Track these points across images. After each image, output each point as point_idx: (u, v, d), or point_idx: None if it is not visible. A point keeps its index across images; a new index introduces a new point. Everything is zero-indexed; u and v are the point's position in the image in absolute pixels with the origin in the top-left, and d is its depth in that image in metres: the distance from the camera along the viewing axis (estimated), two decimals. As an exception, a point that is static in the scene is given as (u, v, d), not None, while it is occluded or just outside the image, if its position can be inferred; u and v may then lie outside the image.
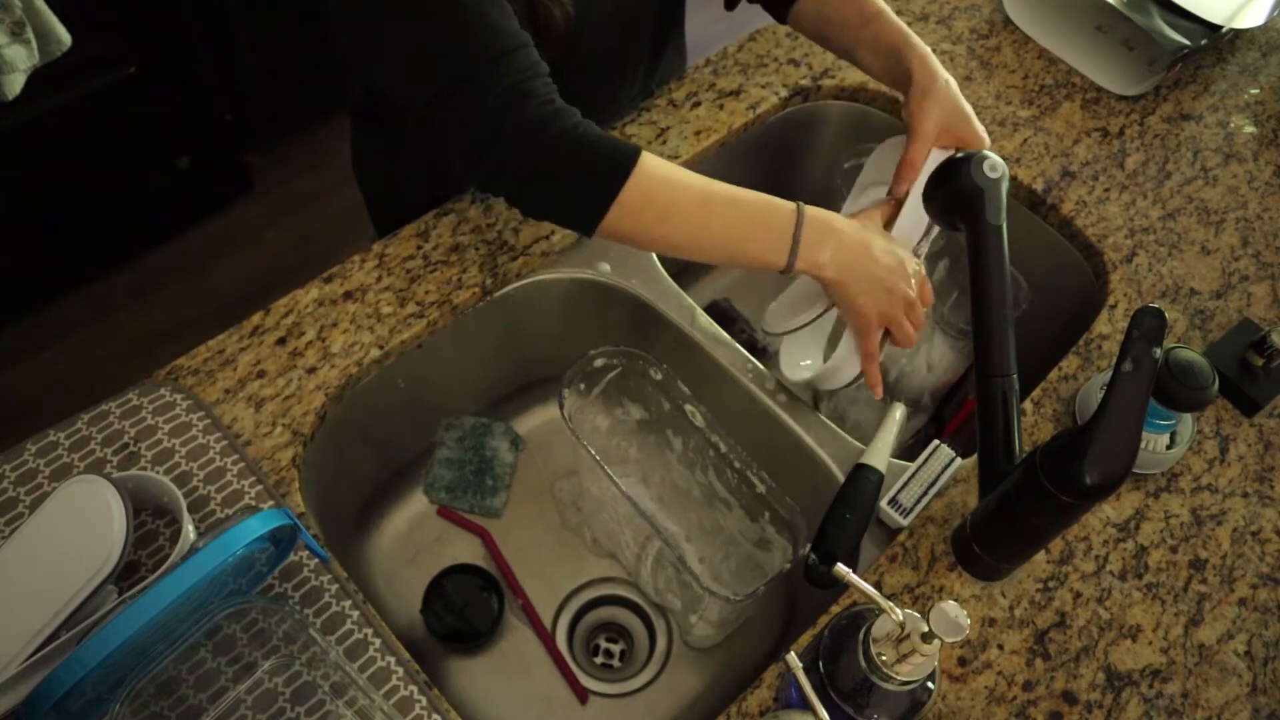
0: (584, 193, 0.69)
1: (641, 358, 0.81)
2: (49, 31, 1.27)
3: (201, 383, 0.78)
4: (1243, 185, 1.04)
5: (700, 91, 1.04)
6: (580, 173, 0.69)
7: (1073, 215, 0.99)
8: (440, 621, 0.84)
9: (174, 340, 1.74)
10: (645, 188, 0.69)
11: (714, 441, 0.80)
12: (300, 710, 0.63)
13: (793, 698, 0.62)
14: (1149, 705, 0.69)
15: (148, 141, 1.80)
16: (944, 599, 0.60)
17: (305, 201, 2.06)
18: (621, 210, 0.69)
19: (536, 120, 0.67)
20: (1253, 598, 0.75)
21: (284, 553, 0.66)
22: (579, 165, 0.69)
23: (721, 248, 0.73)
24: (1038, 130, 1.06)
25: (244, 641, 0.64)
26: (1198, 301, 0.93)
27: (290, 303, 0.83)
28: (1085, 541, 0.77)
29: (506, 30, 0.67)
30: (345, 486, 0.89)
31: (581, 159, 0.68)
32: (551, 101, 0.68)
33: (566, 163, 0.68)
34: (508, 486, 0.95)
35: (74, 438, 0.73)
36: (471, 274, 0.87)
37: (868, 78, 1.08)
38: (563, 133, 0.68)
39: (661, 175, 0.70)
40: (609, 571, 0.92)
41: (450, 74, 0.66)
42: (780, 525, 0.78)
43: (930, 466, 0.79)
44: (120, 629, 0.53)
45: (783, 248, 0.71)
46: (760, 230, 0.72)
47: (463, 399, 0.97)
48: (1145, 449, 0.79)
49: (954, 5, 1.19)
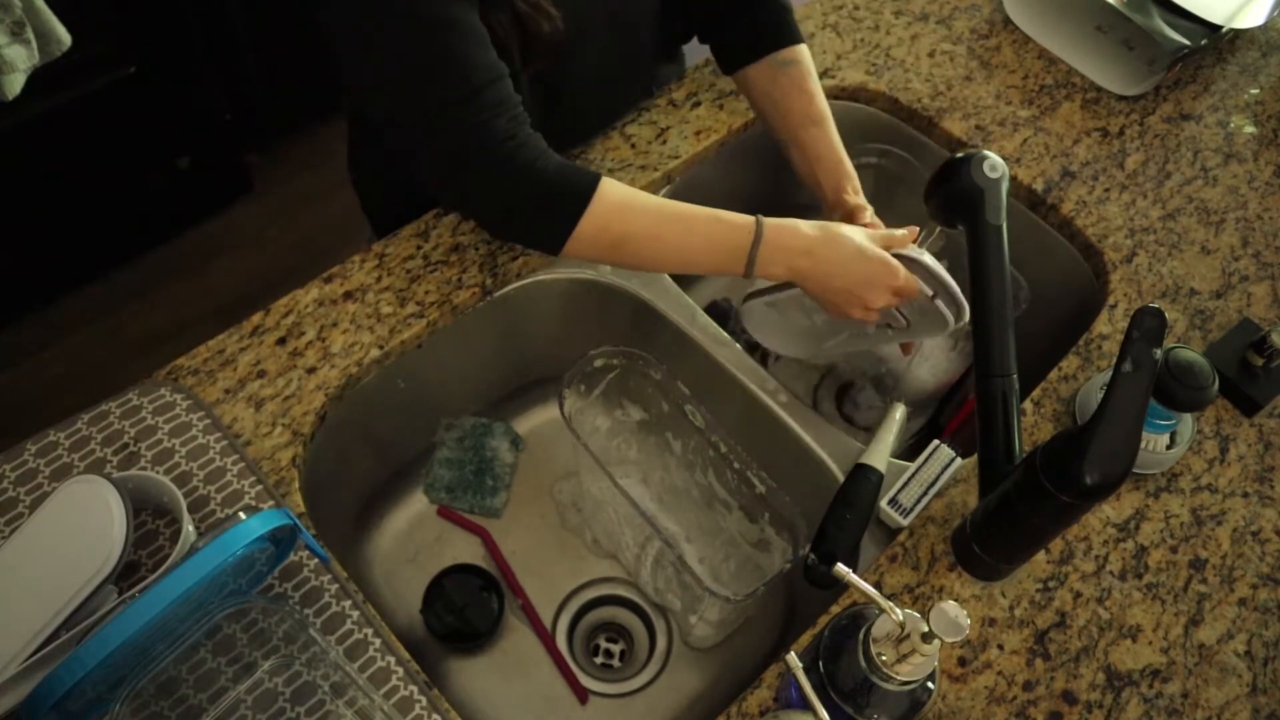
0: (544, 224, 0.74)
1: (641, 358, 0.81)
2: (49, 31, 1.27)
3: (201, 383, 0.78)
4: (1243, 185, 1.04)
5: (700, 91, 1.04)
6: (539, 205, 0.73)
7: (1073, 215, 0.99)
8: (440, 621, 0.84)
9: (174, 340, 1.75)
10: (602, 218, 0.73)
11: (714, 442, 0.80)
12: (300, 710, 0.63)
13: (793, 698, 0.62)
14: (1149, 705, 0.69)
15: (148, 141, 1.80)
16: (944, 599, 0.60)
17: (305, 201, 2.06)
18: (579, 239, 0.73)
19: (499, 155, 0.71)
20: (1253, 598, 0.75)
21: (284, 553, 0.66)
22: (538, 198, 0.73)
23: (680, 266, 0.80)
24: (1038, 130, 1.06)
25: (244, 641, 0.64)
26: (1198, 301, 0.93)
27: (290, 303, 0.83)
28: (1085, 541, 0.77)
29: (482, 65, 0.71)
30: (345, 486, 0.89)
31: (540, 193, 0.73)
32: (514, 136, 0.72)
33: (527, 196, 0.73)
34: (508, 486, 0.95)
35: (74, 438, 0.73)
36: (471, 274, 0.87)
37: (868, 77, 1.08)
38: (524, 167, 0.72)
39: (619, 205, 0.74)
40: (609, 571, 0.92)
41: (425, 109, 0.71)
42: (780, 526, 0.78)
43: (930, 466, 0.79)
44: (120, 629, 0.53)
45: (738, 264, 0.75)
46: (716, 253, 0.75)
47: (463, 399, 0.97)
48: (1145, 449, 0.79)
49: (954, 5, 1.19)
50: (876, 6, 1.17)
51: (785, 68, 0.90)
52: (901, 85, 1.08)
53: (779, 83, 0.90)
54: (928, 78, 1.10)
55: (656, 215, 0.75)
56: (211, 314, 1.88)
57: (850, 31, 1.14)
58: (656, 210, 0.75)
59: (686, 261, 0.77)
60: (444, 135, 0.71)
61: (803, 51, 0.91)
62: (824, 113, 0.89)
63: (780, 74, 0.90)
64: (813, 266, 0.75)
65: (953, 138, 1.05)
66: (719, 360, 0.87)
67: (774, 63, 0.90)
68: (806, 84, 0.89)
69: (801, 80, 0.89)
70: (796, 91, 0.89)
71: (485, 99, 0.71)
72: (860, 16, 1.16)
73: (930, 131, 1.07)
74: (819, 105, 0.89)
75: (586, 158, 0.97)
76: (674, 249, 0.76)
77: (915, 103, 1.07)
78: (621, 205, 0.74)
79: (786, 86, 0.89)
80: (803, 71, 0.90)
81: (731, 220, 0.75)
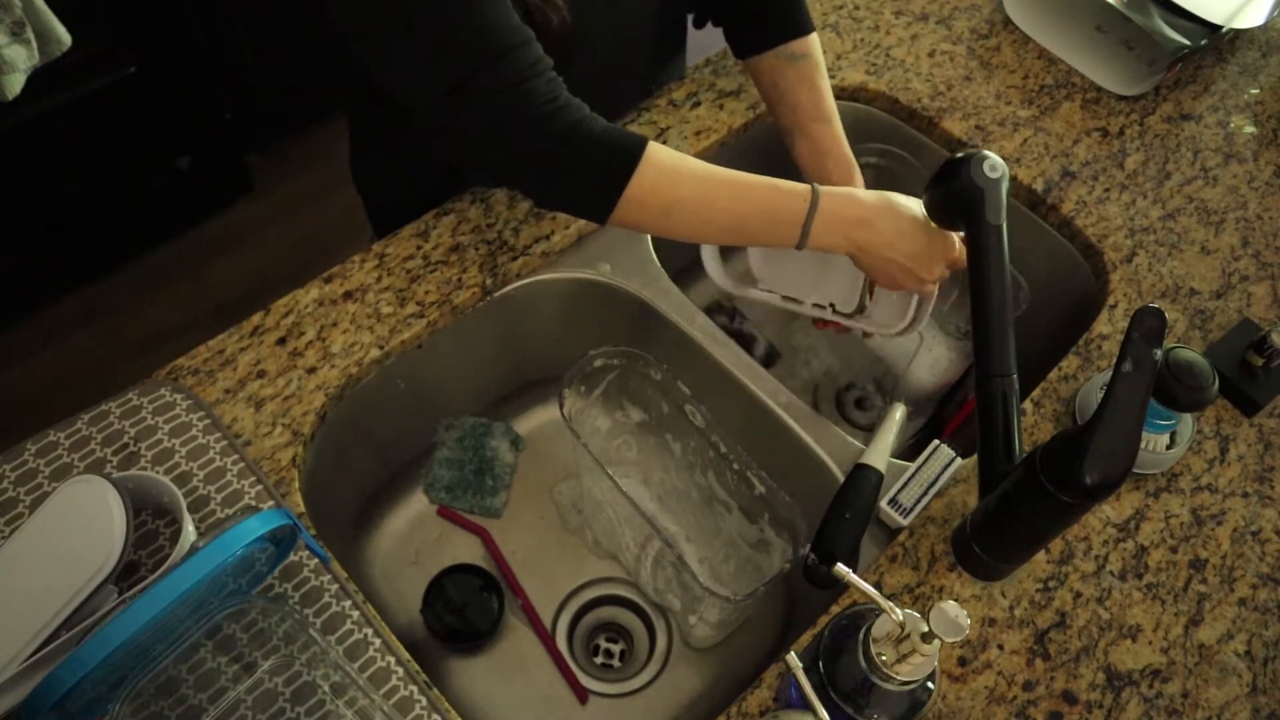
0: (590, 189, 0.70)
1: (641, 358, 0.81)
2: (49, 31, 1.27)
3: (201, 383, 0.78)
4: (1243, 185, 1.04)
5: (700, 91, 1.04)
6: (585, 169, 0.69)
7: (1073, 215, 0.99)
8: (440, 621, 0.84)
9: (174, 340, 1.75)
10: (651, 182, 0.69)
11: (714, 442, 0.80)
12: (300, 710, 0.63)
13: (793, 698, 0.62)
14: (1149, 705, 0.69)
15: (148, 141, 1.80)
16: (944, 599, 0.60)
17: (305, 201, 2.06)
18: (628, 204, 0.70)
19: (539, 117, 0.67)
20: (1253, 598, 0.75)
21: (284, 553, 0.66)
22: (583, 162, 0.69)
23: (730, 235, 0.75)
24: (1038, 130, 1.06)
25: (244, 641, 0.64)
26: (1198, 301, 0.93)
27: (290, 303, 0.83)
28: (1085, 541, 0.77)
29: (507, 26, 0.67)
30: (345, 486, 0.89)
31: (585, 156, 0.69)
32: (555, 99, 0.68)
33: (571, 160, 0.69)
34: (508, 486, 0.95)
35: (74, 438, 0.73)
36: (471, 274, 0.87)
37: (868, 77, 1.08)
38: (566, 130, 0.68)
39: (668, 168, 0.70)
40: (609, 571, 0.92)
41: (454, 76, 0.66)
42: (780, 526, 0.78)
43: (930, 466, 0.79)
44: (120, 629, 0.53)
45: (792, 235, 0.72)
46: (769, 222, 0.72)
47: (463, 399, 0.97)
48: (1145, 449, 0.79)
49: (954, 5, 1.19)
50: (876, 6, 1.17)
51: (794, 61, 0.88)
52: (901, 85, 1.08)
53: (787, 76, 0.88)
54: (928, 78, 1.10)
55: (707, 180, 0.72)
56: (211, 314, 1.88)
57: (850, 31, 1.14)
58: (706, 175, 0.72)
59: (738, 230, 0.74)
60: (478, 100, 0.67)
61: (813, 43, 0.89)
62: (832, 110, 0.88)
63: (789, 67, 0.88)
64: (871, 237, 0.72)
65: (953, 138, 1.05)
66: (719, 360, 0.87)
67: (783, 54, 0.88)
68: (816, 79, 0.88)
69: (811, 75, 0.88)
70: (806, 87, 0.87)
71: (520, 59, 0.67)
72: (860, 16, 1.16)
73: (930, 131, 1.07)
74: (828, 103, 0.87)
75: (586, 158, 0.97)
76: (724, 215, 0.72)
77: (915, 103, 1.07)
78: (672, 169, 0.70)
79: (795, 81, 0.88)
80: (812, 65, 0.88)
81: (787, 188, 0.72)
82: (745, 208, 0.72)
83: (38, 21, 1.25)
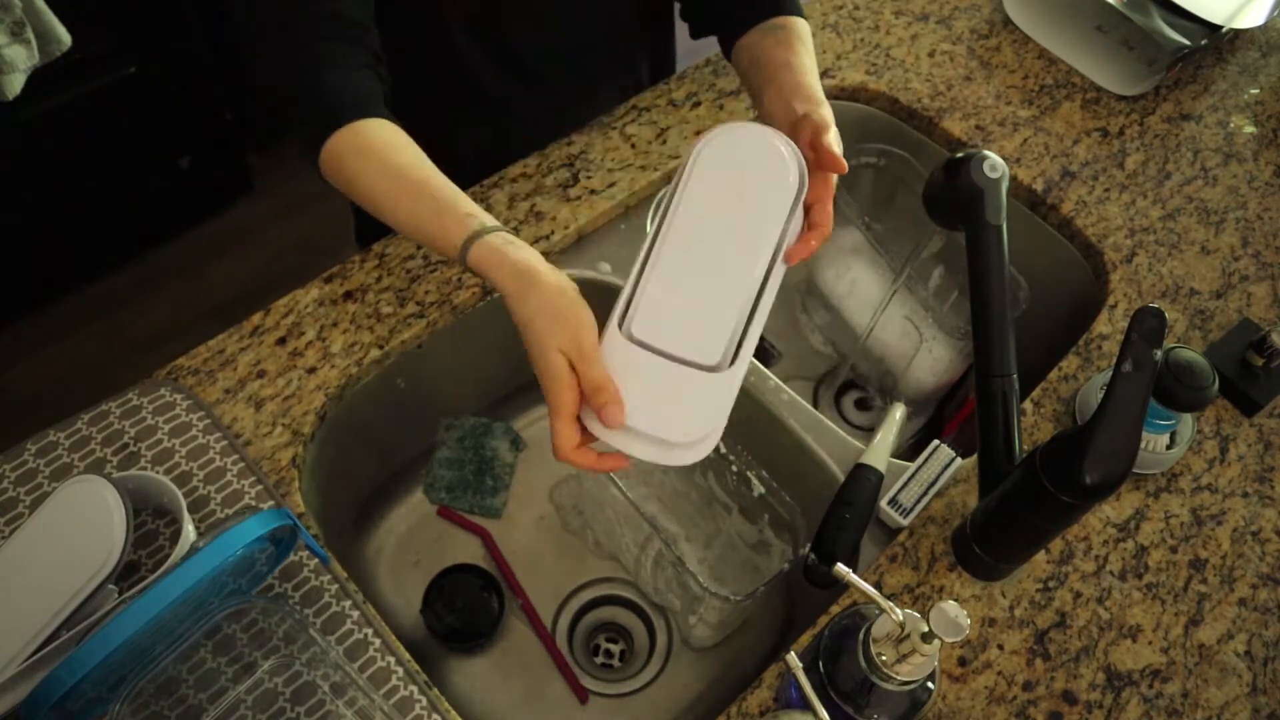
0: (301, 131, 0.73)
1: (641, 358, 0.80)
2: (49, 31, 1.27)
3: (201, 383, 0.78)
4: (1243, 185, 1.04)
5: (700, 91, 1.04)
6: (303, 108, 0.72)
7: (1073, 215, 0.99)
8: (440, 621, 0.84)
9: (174, 340, 1.75)
10: (337, 157, 0.70)
11: (714, 441, 0.80)
12: (300, 710, 0.63)
13: (793, 698, 0.62)
14: (1149, 705, 0.69)
15: (148, 141, 1.80)
16: (944, 599, 0.60)
17: (305, 201, 2.06)
18: (324, 166, 0.72)
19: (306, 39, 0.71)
20: (1253, 598, 0.75)
21: (284, 553, 0.66)
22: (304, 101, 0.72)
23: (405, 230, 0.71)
24: (1038, 130, 1.06)
25: (244, 641, 0.64)
26: (1198, 301, 0.93)
27: (290, 303, 0.84)
28: (1085, 541, 0.77)
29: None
30: (345, 486, 0.89)
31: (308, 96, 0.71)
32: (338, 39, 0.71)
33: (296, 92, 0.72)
34: (508, 486, 0.95)
35: (74, 438, 0.73)
36: (471, 274, 0.87)
37: (868, 77, 1.08)
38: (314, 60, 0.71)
39: (361, 150, 0.70)
40: (609, 571, 0.92)
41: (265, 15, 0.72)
42: (779, 526, 0.78)
43: (930, 466, 0.79)
44: (120, 629, 0.53)
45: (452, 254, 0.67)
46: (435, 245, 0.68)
47: (463, 399, 0.97)
48: (1145, 449, 0.79)
49: (954, 5, 1.19)
50: (876, 6, 1.17)
51: (772, 30, 0.81)
52: (901, 85, 1.08)
53: (763, 44, 0.80)
54: (928, 78, 1.10)
55: (395, 180, 0.69)
56: (211, 314, 1.88)
57: (850, 31, 1.14)
58: (396, 174, 0.69)
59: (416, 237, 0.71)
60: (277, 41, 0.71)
61: (798, 22, 0.81)
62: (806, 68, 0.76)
63: (766, 35, 0.81)
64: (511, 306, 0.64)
65: (953, 138, 1.05)
66: (719, 360, 0.87)
67: (762, 28, 0.82)
68: (794, 44, 0.79)
69: (788, 40, 0.79)
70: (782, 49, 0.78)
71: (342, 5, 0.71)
72: (860, 16, 1.16)
73: (930, 131, 1.07)
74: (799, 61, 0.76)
75: (586, 157, 0.97)
76: (402, 219, 0.69)
77: (915, 103, 1.07)
78: (364, 152, 0.70)
79: (770, 45, 0.79)
80: (791, 34, 0.80)
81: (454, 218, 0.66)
82: (417, 222, 0.69)
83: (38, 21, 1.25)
